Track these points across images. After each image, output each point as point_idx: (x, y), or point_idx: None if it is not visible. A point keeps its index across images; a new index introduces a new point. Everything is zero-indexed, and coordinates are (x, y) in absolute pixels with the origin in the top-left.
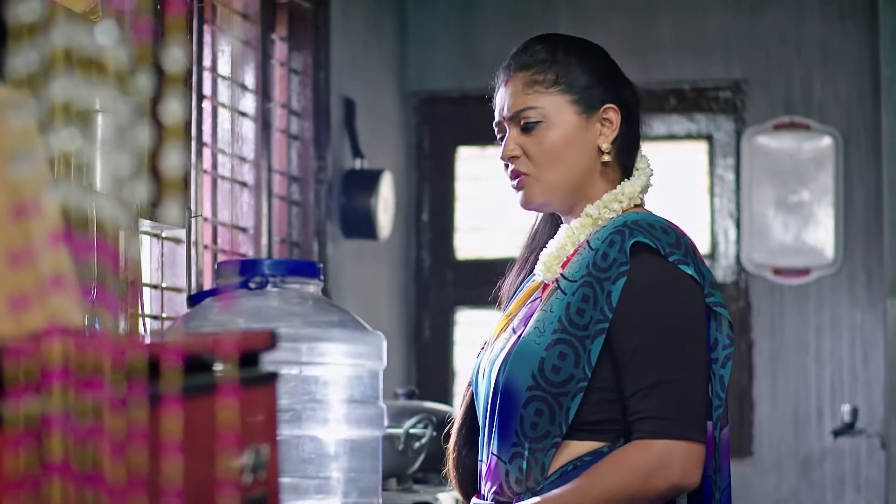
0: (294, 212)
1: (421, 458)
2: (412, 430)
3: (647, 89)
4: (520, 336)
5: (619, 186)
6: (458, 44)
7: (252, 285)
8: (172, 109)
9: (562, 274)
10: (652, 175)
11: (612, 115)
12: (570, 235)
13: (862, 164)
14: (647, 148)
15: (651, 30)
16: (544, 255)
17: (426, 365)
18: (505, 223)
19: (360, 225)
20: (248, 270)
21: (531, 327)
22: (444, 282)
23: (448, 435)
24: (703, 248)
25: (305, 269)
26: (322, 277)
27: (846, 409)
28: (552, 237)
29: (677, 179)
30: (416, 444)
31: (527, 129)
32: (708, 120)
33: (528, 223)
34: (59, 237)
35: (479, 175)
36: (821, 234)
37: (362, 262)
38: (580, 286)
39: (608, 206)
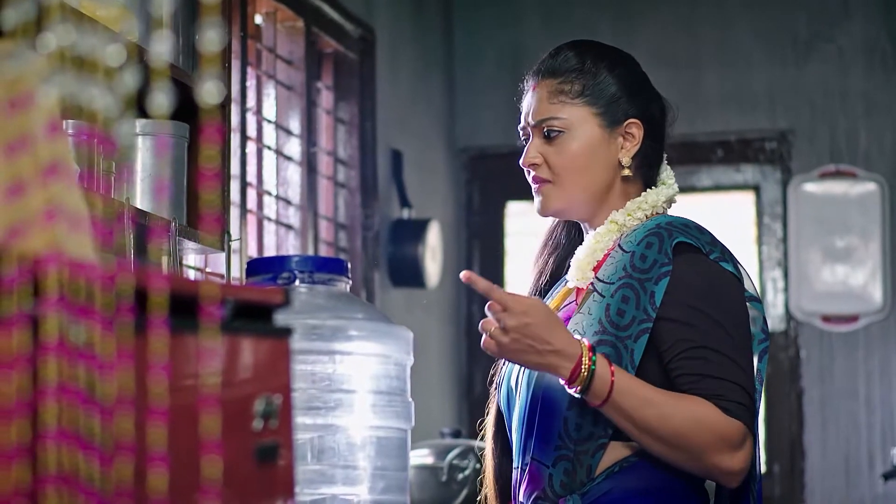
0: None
1: (465, 491)
2: (455, 462)
3: (693, 141)
4: None
5: (642, 195)
6: (506, 99)
7: (280, 281)
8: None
9: (596, 277)
10: (676, 190)
11: (635, 130)
12: (598, 241)
13: None
14: (694, 199)
15: (697, 82)
16: (576, 261)
17: (478, 419)
18: None
19: (408, 273)
20: (277, 266)
21: (570, 330)
22: None
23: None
24: None
25: (333, 265)
26: (350, 276)
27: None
28: (573, 244)
29: (725, 230)
30: (460, 476)
31: (549, 137)
32: (754, 171)
33: (544, 230)
34: (56, 126)
35: (529, 230)
36: (869, 280)
37: (411, 311)
38: (619, 287)
39: (632, 213)
